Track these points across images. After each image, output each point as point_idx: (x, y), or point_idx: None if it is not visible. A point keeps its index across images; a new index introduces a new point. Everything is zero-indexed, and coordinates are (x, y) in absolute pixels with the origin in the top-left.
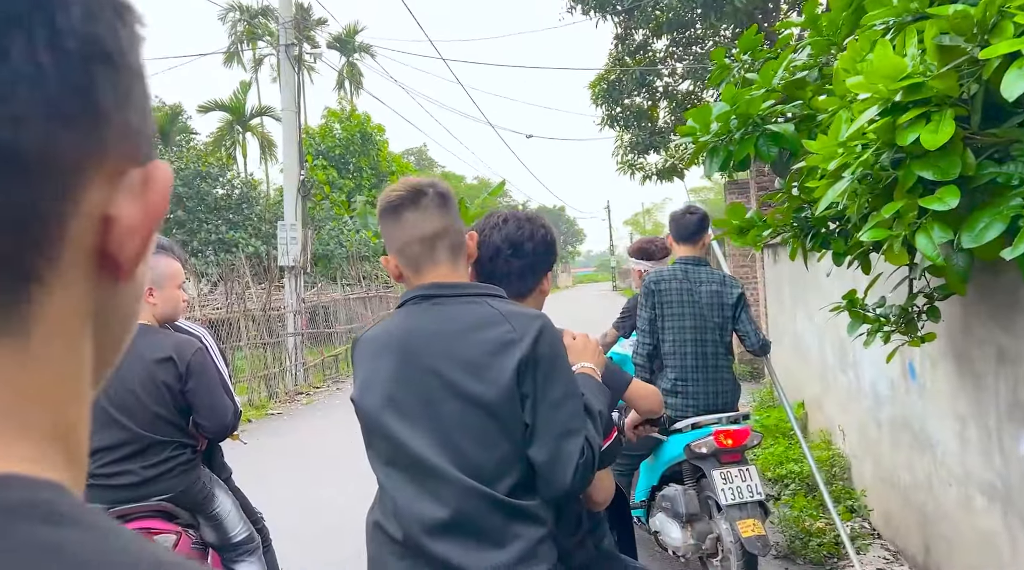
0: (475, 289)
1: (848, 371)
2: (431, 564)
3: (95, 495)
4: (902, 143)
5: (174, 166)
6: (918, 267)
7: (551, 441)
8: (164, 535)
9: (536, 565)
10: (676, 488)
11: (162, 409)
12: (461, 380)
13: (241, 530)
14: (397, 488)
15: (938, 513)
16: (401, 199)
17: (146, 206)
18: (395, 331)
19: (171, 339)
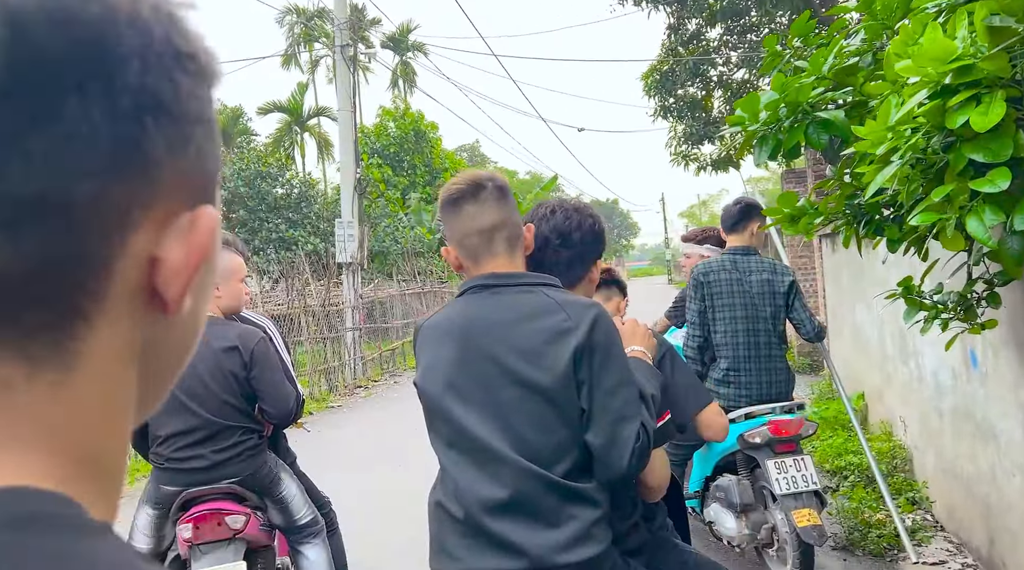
0: (532, 279)
1: (909, 361)
2: (490, 542)
3: (170, 478)
4: (952, 126)
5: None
6: (976, 253)
7: (607, 426)
8: (234, 516)
9: (591, 545)
10: (730, 478)
11: (229, 396)
12: (519, 367)
13: (306, 513)
14: (458, 469)
15: (1002, 504)
16: (461, 193)
17: (191, 247)
18: (456, 318)
19: (236, 329)
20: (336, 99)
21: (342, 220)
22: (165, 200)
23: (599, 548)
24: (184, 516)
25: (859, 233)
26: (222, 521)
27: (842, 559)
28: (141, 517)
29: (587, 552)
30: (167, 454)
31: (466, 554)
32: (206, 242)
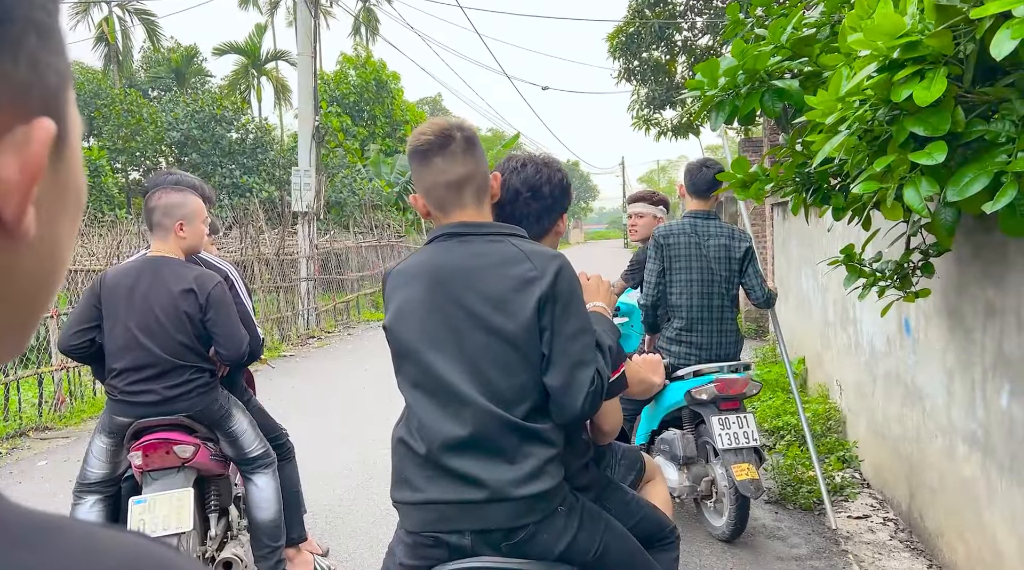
0: (499, 229)
1: (848, 328)
2: (449, 475)
3: (120, 410)
4: (896, 99)
5: (189, 108)
6: (913, 223)
7: (566, 370)
8: (183, 446)
9: (544, 480)
10: (675, 432)
11: (183, 336)
12: (486, 313)
13: (256, 447)
14: (423, 408)
15: (923, 463)
16: (429, 144)
17: (24, 162)
18: (425, 264)
19: (193, 272)
20: (296, 43)
21: (299, 168)
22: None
23: (552, 483)
24: (135, 444)
25: (807, 201)
26: (171, 450)
27: (774, 512)
28: (96, 444)
29: (541, 486)
30: (120, 387)
31: (427, 485)
32: (41, 154)
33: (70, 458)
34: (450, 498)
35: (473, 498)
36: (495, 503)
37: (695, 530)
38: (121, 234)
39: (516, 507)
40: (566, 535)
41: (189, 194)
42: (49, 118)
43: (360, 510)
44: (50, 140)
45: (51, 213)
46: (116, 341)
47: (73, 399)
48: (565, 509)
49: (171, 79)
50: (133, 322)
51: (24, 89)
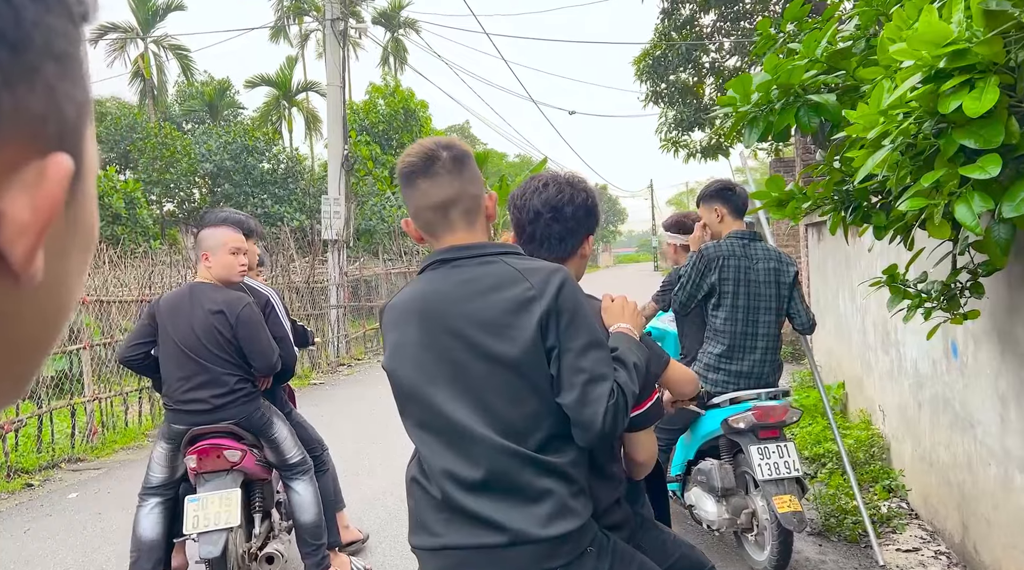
0: (491, 249)
1: (890, 351)
2: (468, 518)
3: (176, 418)
4: (944, 111)
5: (222, 140)
6: (962, 241)
7: (579, 386)
8: (232, 451)
9: (570, 519)
10: (712, 462)
11: (218, 350)
12: (484, 341)
13: (295, 454)
14: (430, 450)
15: (976, 492)
16: (413, 167)
17: (39, 200)
18: (417, 296)
19: (224, 295)
20: (325, 74)
21: (328, 197)
22: (4, 144)
23: (578, 522)
24: (190, 449)
25: (846, 220)
26: (221, 454)
27: (817, 545)
28: (157, 451)
29: (566, 526)
30: (175, 396)
31: (444, 529)
32: (56, 194)
33: (100, 490)
34: (469, 543)
35: (493, 542)
36: (517, 547)
37: (735, 564)
38: (153, 265)
39: (539, 550)
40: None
41: (220, 228)
42: (66, 154)
43: (389, 543)
44: (68, 178)
45: (61, 254)
46: (168, 355)
47: (105, 430)
48: (595, 550)
49: (204, 112)
50: (179, 338)
51: (40, 121)
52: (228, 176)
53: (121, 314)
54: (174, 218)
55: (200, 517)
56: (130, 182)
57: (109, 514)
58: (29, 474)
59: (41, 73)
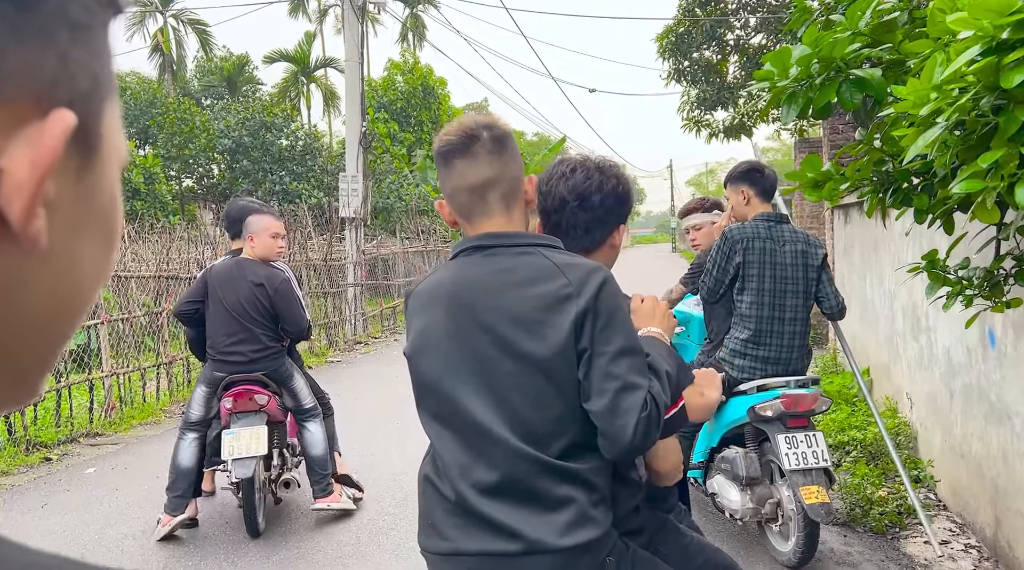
0: (530, 239)
1: (920, 337)
2: (480, 523)
3: (218, 367)
4: (1007, 86)
5: (240, 116)
6: (1009, 226)
7: (609, 393)
8: (260, 395)
9: (590, 528)
10: (737, 450)
11: (257, 315)
12: (514, 337)
13: (309, 401)
14: (447, 448)
15: (1012, 486)
16: (451, 146)
17: (37, 156)
18: (446, 284)
19: (265, 270)
20: (344, 50)
21: (346, 174)
22: (8, 99)
23: (598, 531)
24: (227, 393)
25: (885, 202)
26: (252, 398)
27: (842, 535)
28: (197, 393)
29: (585, 535)
30: (219, 349)
31: (456, 534)
32: (54, 147)
33: (117, 466)
34: (482, 549)
35: (507, 550)
36: (532, 556)
37: (758, 554)
38: (172, 240)
39: (556, 560)
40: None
41: (262, 213)
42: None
43: (404, 526)
44: (66, 133)
45: (71, 227)
46: (215, 314)
47: (123, 405)
48: (614, 560)
49: (223, 87)
50: (226, 302)
51: (49, 84)
52: (247, 152)
53: (140, 289)
54: (193, 194)
55: (235, 447)
56: (149, 157)
57: (126, 490)
58: (47, 448)
59: (53, 36)
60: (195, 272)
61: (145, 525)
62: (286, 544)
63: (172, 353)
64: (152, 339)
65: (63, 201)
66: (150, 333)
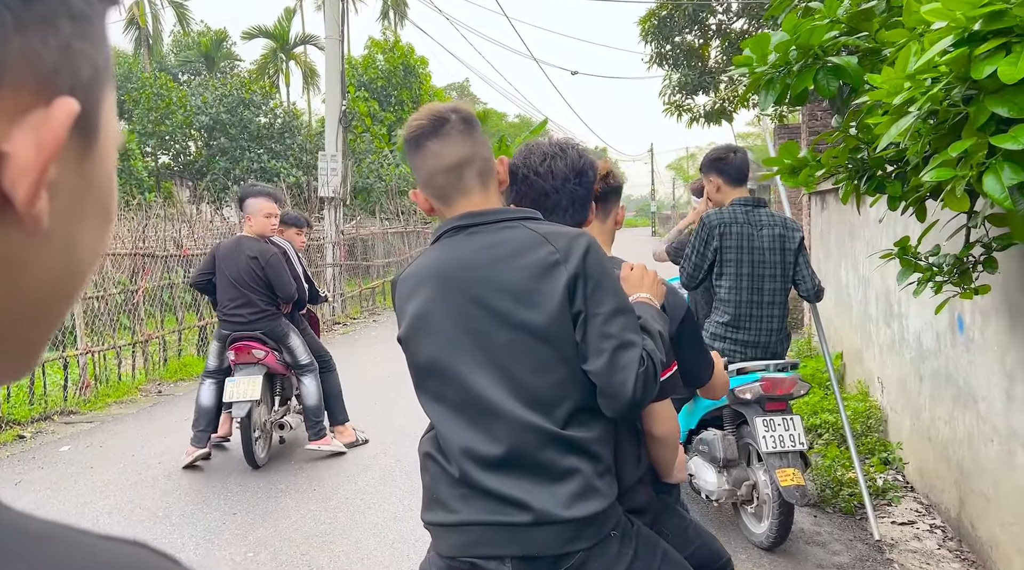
0: (510, 214)
1: (892, 323)
2: (486, 495)
3: (224, 326)
4: (977, 76)
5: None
6: (978, 214)
7: (607, 351)
8: (257, 350)
9: (596, 500)
10: (715, 433)
11: (253, 282)
12: (508, 308)
13: (304, 358)
14: (448, 426)
15: (976, 468)
16: (422, 129)
17: (42, 140)
18: (434, 266)
19: (260, 246)
20: (324, 27)
21: (325, 153)
22: (13, 86)
23: (604, 503)
24: (231, 347)
25: (859, 189)
26: (250, 351)
27: (813, 515)
28: (212, 347)
29: (591, 507)
30: (224, 311)
31: (462, 506)
32: (59, 133)
33: (92, 443)
34: (489, 519)
35: (515, 520)
36: (540, 526)
37: (731, 535)
38: (147, 218)
39: (563, 531)
40: (619, 565)
41: (259, 198)
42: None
43: (381, 505)
44: (70, 119)
45: (71, 210)
46: (222, 284)
47: (99, 383)
48: (619, 534)
49: (201, 63)
50: (229, 273)
51: (52, 72)
52: (224, 129)
53: (115, 267)
54: (169, 170)
55: (234, 392)
56: (125, 133)
57: (102, 467)
58: (21, 426)
59: (55, 26)
60: (171, 250)
61: (120, 503)
62: (263, 523)
63: (148, 332)
64: (128, 317)
65: (64, 185)
66: (126, 311)
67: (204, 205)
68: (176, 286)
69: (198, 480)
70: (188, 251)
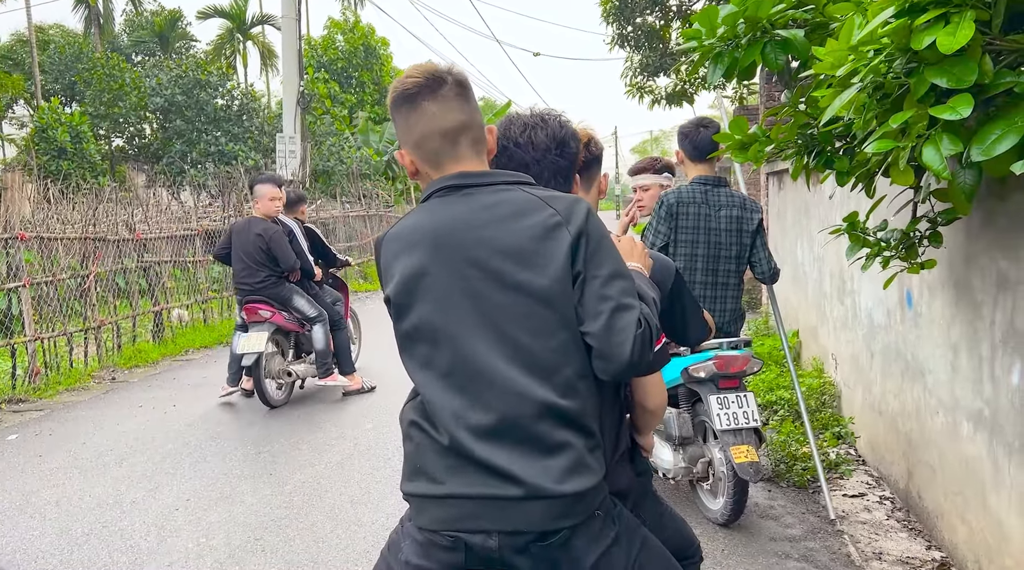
0: (506, 177)
1: (845, 300)
2: (476, 466)
3: (238, 292)
4: (917, 47)
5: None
6: (923, 189)
7: (605, 314)
8: (264, 310)
9: (587, 476)
10: (670, 411)
11: (258, 255)
12: (509, 269)
13: (312, 312)
14: (437, 392)
15: (923, 440)
16: (419, 87)
17: None
18: (427, 225)
19: (265, 225)
20: (281, 5)
21: (283, 134)
22: None
23: (594, 479)
24: (242, 309)
25: (809, 165)
26: (257, 312)
27: (767, 490)
28: (237, 308)
29: (583, 483)
30: (237, 279)
31: (449, 477)
32: None
33: (42, 432)
34: (477, 493)
35: (505, 494)
36: (531, 501)
37: (688, 512)
38: (99, 201)
39: (552, 506)
40: (600, 545)
41: (265, 185)
42: None
43: (339, 488)
44: None
45: None
46: (235, 256)
47: (49, 370)
48: (602, 514)
49: (155, 43)
50: (239, 247)
51: None
52: (180, 111)
53: (66, 251)
54: (124, 154)
55: (244, 345)
56: (76, 115)
57: (51, 456)
58: None
59: None
60: (124, 234)
61: (69, 492)
62: (217, 509)
63: (100, 318)
64: (80, 303)
65: None
66: (78, 297)
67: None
68: (130, 271)
69: (151, 466)
70: (142, 235)
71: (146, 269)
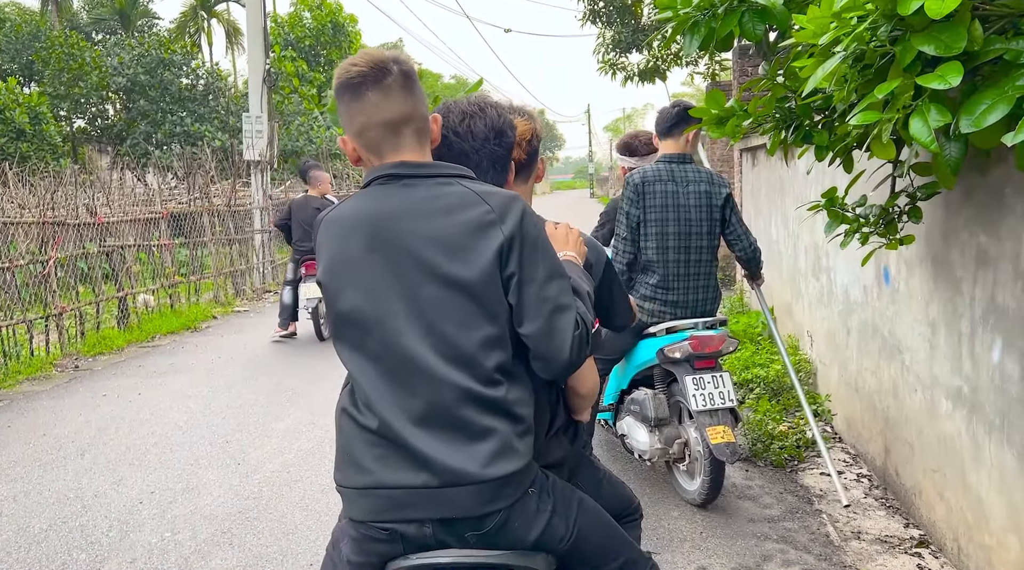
0: (446, 169)
1: (821, 277)
2: (403, 454)
3: (298, 252)
4: (904, 12)
5: (135, 52)
6: (903, 164)
7: (543, 316)
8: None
9: (513, 460)
10: (646, 392)
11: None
12: (440, 261)
13: None
14: (367, 377)
15: (901, 418)
16: (363, 76)
17: None
18: (365, 212)
19: (320, 201)
20: None
21: (250, 114)
22: None
23: (521, 462)
24: (303, 264)
25: (787, 140)
26: (314, 266)
27: (744, 470)
28: (290, 265)
29: (509, 466)
30: (297, 244)
31: (377, 466)
32: None
33: (0, 424)
34: (404, 482)
35: (428, 483)
36: (457, 487)
37: (664, 492)
38: (58, 185)
39: (481, 491)
40: (540, 520)
41: (319, 171)
42: None
43: (309, 478)
44: None
45: None
46: (295, 225)
47: (8, 359)
48: (536, 491)
49: (115, 21)
50: (300, 219)
51: None
52: (143, 91)
53: (24, 235)
54: (86, 135)
55: (305, 292)
56: (34, 95)
57: (9, 448)
58: None
59: None
60: (85, 218)
61: (27, 486)
62: (182, 501)
63: (62, 304)
64: (40, 289)
65: None
66: (38, 283)
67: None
68: (93, 256)
69: (114, 457)
70: (103, 219)
71: (109, 254)
